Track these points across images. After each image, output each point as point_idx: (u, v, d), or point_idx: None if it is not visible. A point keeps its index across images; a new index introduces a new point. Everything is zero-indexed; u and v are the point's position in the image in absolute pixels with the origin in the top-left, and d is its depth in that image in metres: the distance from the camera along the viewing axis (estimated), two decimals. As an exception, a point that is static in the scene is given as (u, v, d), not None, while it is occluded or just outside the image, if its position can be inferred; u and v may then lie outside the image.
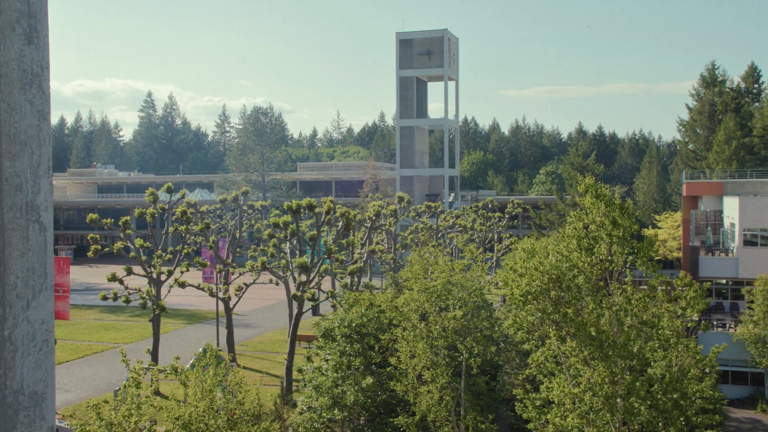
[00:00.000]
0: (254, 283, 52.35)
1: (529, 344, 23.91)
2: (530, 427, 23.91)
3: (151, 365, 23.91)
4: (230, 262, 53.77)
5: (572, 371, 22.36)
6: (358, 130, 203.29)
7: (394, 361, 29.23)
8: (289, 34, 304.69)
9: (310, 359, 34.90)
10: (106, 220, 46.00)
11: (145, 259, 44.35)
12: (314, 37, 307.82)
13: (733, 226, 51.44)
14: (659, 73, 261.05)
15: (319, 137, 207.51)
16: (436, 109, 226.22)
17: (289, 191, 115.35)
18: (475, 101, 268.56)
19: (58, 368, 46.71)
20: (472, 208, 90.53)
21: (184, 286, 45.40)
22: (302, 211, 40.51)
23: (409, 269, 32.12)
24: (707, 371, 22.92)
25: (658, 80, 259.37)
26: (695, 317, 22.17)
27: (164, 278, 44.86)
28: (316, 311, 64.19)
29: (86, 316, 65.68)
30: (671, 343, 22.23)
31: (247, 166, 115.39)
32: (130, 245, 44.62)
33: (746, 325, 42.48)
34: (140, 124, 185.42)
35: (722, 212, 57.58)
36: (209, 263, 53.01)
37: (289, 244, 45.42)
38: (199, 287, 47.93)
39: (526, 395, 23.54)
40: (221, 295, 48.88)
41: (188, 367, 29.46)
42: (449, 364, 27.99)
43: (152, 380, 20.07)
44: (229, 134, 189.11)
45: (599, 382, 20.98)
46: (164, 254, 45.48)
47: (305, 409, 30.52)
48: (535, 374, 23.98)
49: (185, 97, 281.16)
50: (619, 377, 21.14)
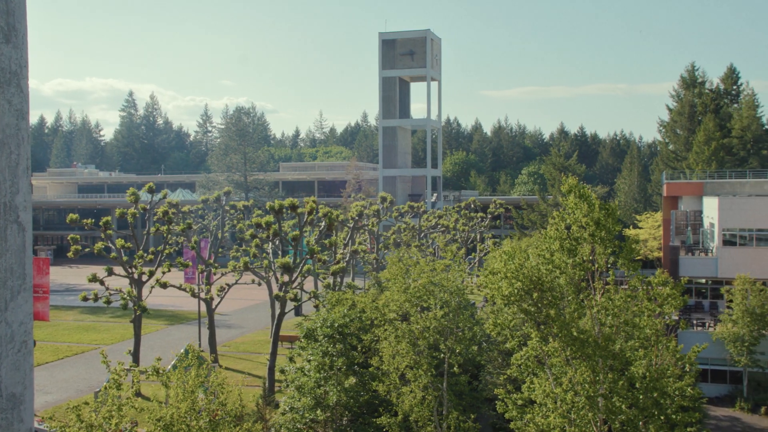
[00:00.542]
0: (236, 283, 52.20)
1: (511, 343, 24.00)
2: (512, 426, 24.01)
3: (132, 366, 23.76)
4: (212, 262, 53.57)
5: (554, 371, 22.49)
6: (340, 130, 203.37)
7: (376, 361, 29.25)
8: (271, 33, 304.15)
9: (292, 360, 34.84)
10: (86, 220, 45.64)
11: (126, 259, 44.08)
12: (297, 36, 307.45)
13: (712, 226, 51.94)
14: (640, 74, 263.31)
15: (301, 137, 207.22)
16: (418, 109, 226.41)
17: (271, 191, 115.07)
18: (457, 102, 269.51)
19: (37, 370, 46.29)
20: (454, 208, 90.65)
21: (165, 286, 45.16)
22: (285, 211, 40.40)
23: (388, 271, 32.15)
24: (687, 370, 23.11)
25: (638, 81, 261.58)
26: (674, 315, 22.34)
27: (145, 279, 44.59)
28: (298, 312, 64.06)
29: (66, 317, 65.15)
30: (652, 341, 22.40)
31: (229, 166, 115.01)
32: (111, 245, 44.31)
33: (725, 324, 42.91)
34: (121, 123, 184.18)
35: (702, 212, 58.12)
36: (191, 264, 52.76)
37: (271, 244, 45.29)
38: (180, 288, 47.70)
39: (507, 396, 23.64)
40: (203, 295, 48.69)
41: (170, 368, 29.30)
42: (431, 363, 28.05)
43: (133, 381, 19.94)
44: (211, 134, 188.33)
45: (581, 381, 21.11)
46: (146, 255, 45.22)
47: (287, 409, 30.47)
48: (516, 374, 24.09)
49: (167, 96, 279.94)
50: (600, 377, 21.28)
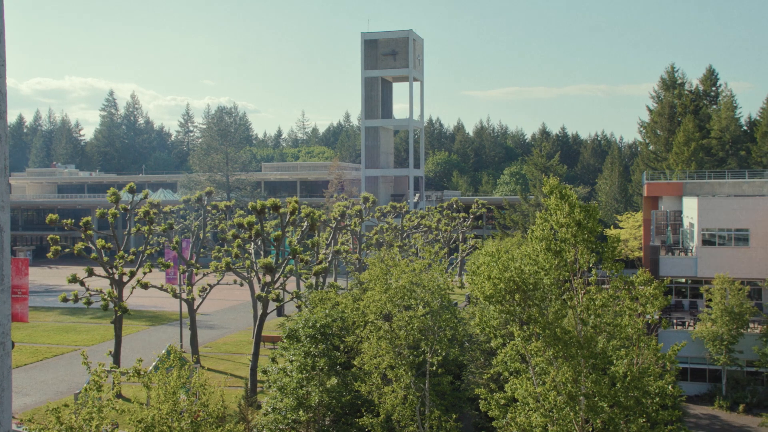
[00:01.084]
0: (218, 283, 51.99)
1: (495, 342, 24.07)
2: (495, 425, 24.12)
3: (113, 368, 23.60)
4: (194, 262, 53.32)
5: (537, 370, 22.63)
6: (323, 130, 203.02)
7: (358, 361, 29.27)
8: (253, 33, 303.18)
9: (274, 360, 34.73)
10: (66, 220, 45.27)
11: (106, 260, 43.78)
12: (279, 36, 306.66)
13: (692, 226, 52.43)
14: (620, 75, 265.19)
15: (284, 137, 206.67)
16: (401, 109, 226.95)
17: (253, 191, 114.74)
18: (440, 102, 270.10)
19: (16, 372, 45.85)
20: (437, 208, 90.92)
21: (146, 287, 44.90)
22: (267, 211, 40.31)
23: (369, 272, 32.17)
24: (668, 368, 23.31)
25: (619, 82, 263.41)
26: (656, 315, 22.55)
27: (126, 279, 44.31)
28: (280, 312, 63.91)
29: (46, 318, 64.57)
30: (633, 341, 22.59)
31: (211, 166, 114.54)
32: (91, 246, 43.99)
33: (705, 323, 43.34)
34: (101, 123, 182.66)
35: (682, 212, 58.64)
36: (172, 264, 52.48)
37: (253, 244, 45.17)
38: (162, 288, 47.45)
39: (489, 395, 23.74)
40: (185, 296, 48.46)
41: (151, 369, 29.16)
42: (412, 363, 28.10)
43: (114, 383, 19.83)
44: (192, 134, 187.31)
45: (563, 381, 21.25)
46: (126, 255, 44.94)
47: (270, 410, 30.40)
48: (501, 371, 24.19)
49: (148, 96, 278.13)
50: (582, 376, 21.43)
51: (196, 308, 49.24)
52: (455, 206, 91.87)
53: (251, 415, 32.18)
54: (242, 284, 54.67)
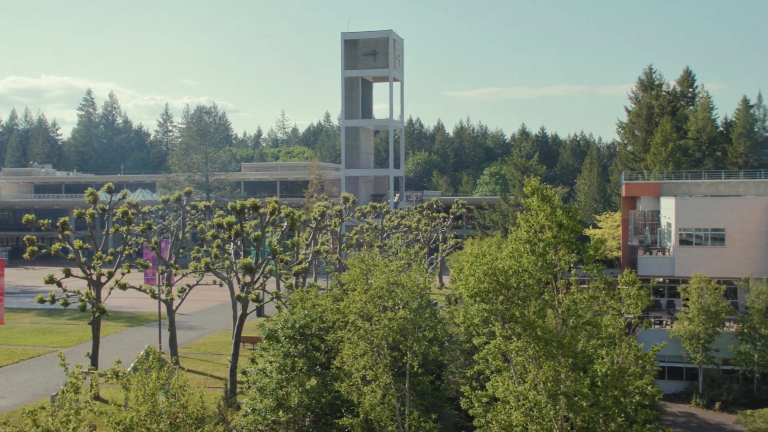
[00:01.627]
0: (198, 284, 51.73)
1: (478, 340, 24.11)
2: (475, 423, 24.21)
3: (90, 369, 23.39)
4: (173, 263, 52.99)
5: (518, 369, 22.75)
6: (303, 130, 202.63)
7: (337, 361, 29.25)
8: (233, 32, 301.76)
9: (254, 361, 34.61)
10: (43, 220, 44.80)
11: (84, 260, 43.40)
12: (259, 36, 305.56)
13: (669, 226, 52.91)
14: (599, 75, 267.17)
15: (263, 137, 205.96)
16: (381, 109, 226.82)
17: (233, 191, 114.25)
18: (420, 102, 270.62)
19: (-8, 374, 45.31)
20: (417, 208, 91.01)
21: (125, 287, 44.60)
22: (246, 211, 40.15)
23: (349, 273, 32.16)
24: (647, 368, 23.47)
25: (598, 83, 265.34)
26: (638, 314, 22.75)
27: (104, 280, 43.96)
28: (260, 312, 63.69)
29: (22, 319, 63.86)
30: (615, 340, 22.74)
31: (190, 166, 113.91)
32: (68, 246, 43.60)
33: (682, 322, 43.76)
34: (79, 122, 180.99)
35: (659, 212, 59.17)
36: (151, 264, 52.10)
37: (233, 244, 44.96)
38: (140, 289, 47.13)
39: (472, 393, 23.83)
40: (164, 296, 48.18)
41: (130, 370, 28.94)
42: (393, 364, 28.11)
43: (92, 385, 19.66)
44: (171, 134, 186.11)
45: (543, 380, 21.38)
46: (105, 256, 44.57)
47: (249, 411, 30.30)
48: (482, 370, 24.28)
49: (126, 95, 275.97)
50: (563, 375, 21.58)
51: (175, 309, 48.98)
52: (435, 206, 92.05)
53: (231, 416, 32.04)
54: (222, 285, 54.38)
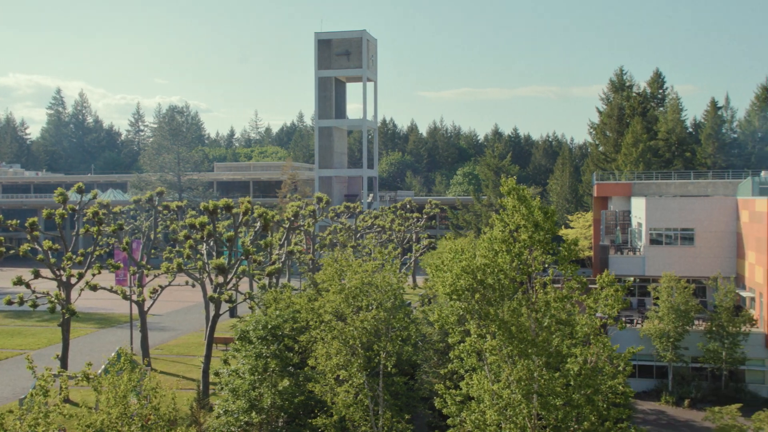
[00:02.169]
0: (170, 285, 51.23)
1: (453, 339, 24.18)
2: (449, 422, 24.26)
3: (60, 372, 23.06)
4: (144, 263, 52.48)
5: (493, 367, 22.86)
6: (276, 130, 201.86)
7: (311, 361, 29.18)
8: (205, 31, 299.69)
9: (227, 362, 34.43)
10: (11, 221, 44.18)
11: (54, 261, 42.82)
12: (232, 35, 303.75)
13: (640, 225, 53.54)
14: (571, 76, 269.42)
15: (236, 137, 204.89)
16: (354, 109, 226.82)
17: (205, 192, 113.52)
18: (393, 102, 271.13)
19: (-41, 377, 44.56)
20: (390, 208, 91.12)
21: (95, 289, 44.10)
22: (219, 211, 39.90)
23: (323, 272, 32.12)
24: (621, 368, 23.69)
25: (570, 84, 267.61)
26: (614, 314, 22.97)
27: (74, 281, 43.40)
28: (233, 313, 63.34)
29: (-10, 321, 62.87)
30: (590, 339, 22.93)
31: (162, 166, 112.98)
32: (37, 247, 42.98)
33: (652, 320, 44.28)
34: (48, 121, 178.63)
35: (630, 212, 59.84)
36: (122, 265, 51.56)
37: (205, 245, 44.68)
38: (111, 290, 46.63)
39: (446, 391, 23.88)
40: (135, 297, 47.70)
41: (101, 372, 28.63)
42: (366, 364, 28.09)
43: (61, 387, 19.37)
44: (143, 133, 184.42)
45: (517, 378, 21.51)
46: (75, 256, 44.02)
47: (222, 412, 30.12)
48: (457, 369, 24.33)
49: (96, 94, 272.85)
50: (536, 374, 21.72)
51: (146, 310, 48.52)
52: (409, 206, 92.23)
53: (203, 417, 31.84)
54: (194, 285, 54.01)
